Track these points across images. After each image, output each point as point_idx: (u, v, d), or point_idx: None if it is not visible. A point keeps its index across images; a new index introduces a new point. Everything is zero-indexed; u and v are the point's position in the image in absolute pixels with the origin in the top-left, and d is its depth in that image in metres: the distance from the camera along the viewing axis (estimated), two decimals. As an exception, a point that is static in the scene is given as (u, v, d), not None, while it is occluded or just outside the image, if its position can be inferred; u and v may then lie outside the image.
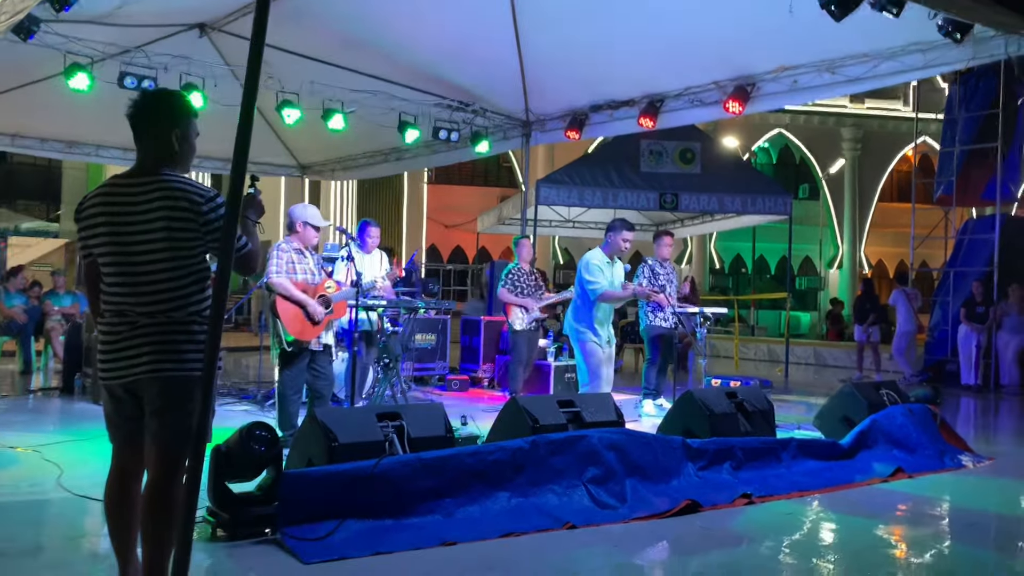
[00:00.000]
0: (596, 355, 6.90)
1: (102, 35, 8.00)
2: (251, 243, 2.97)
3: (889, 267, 29.51)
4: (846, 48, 7.42)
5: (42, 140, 11.72)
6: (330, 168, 13.66)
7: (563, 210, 16.64)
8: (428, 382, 10.41)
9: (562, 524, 4.23)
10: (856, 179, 29.21)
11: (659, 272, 8.38)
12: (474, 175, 29.43)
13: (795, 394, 10.92)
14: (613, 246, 7.05)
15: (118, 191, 2.92)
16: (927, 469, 5.81)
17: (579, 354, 7.02)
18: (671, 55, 8.40)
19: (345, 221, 25.02)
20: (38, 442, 5.90)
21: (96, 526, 4.08)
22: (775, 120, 28.21)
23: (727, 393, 6.01)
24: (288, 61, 9.08)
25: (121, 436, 2.96)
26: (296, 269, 5.94)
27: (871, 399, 6.51)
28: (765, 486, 5.09)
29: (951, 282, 13.61)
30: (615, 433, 4.94)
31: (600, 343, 6.90)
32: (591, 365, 6.90)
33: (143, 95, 3.04)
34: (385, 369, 7.32)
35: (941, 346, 13.35)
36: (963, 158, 14.03)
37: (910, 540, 4.37)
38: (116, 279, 2.91)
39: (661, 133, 12.25)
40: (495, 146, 11.06)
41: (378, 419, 4.41)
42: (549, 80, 9.54)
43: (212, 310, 2.53)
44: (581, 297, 6.99)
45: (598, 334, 6.90)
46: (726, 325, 19.88)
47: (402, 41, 8.89)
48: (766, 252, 29.38)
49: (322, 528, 3.81)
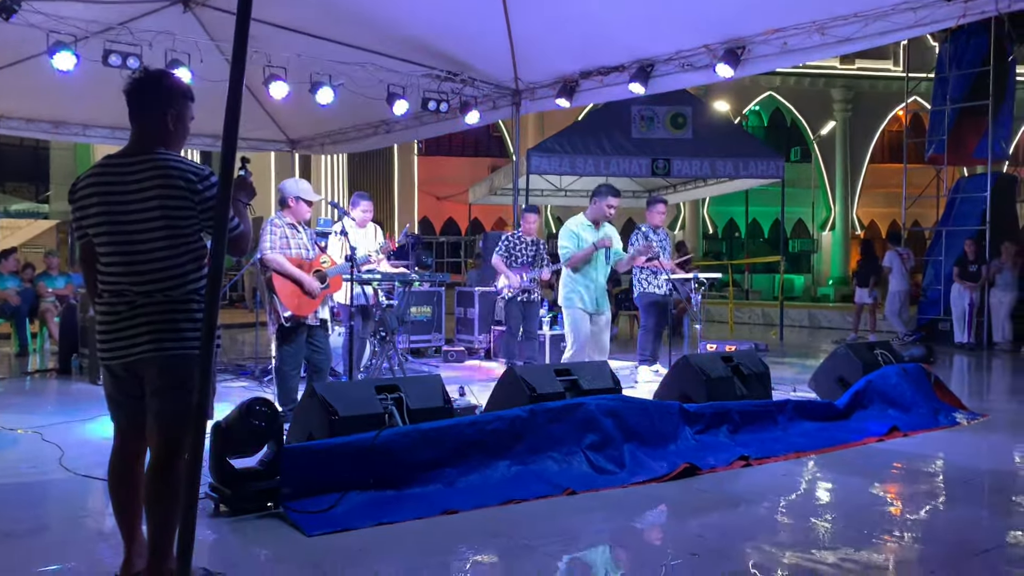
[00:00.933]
0: (578, 322, 6.86)
1: (85, 13, 7.90)
2: (243, 224, 2.97)
3: (881, 227, 29.57)
4: (836, 8, 7.38)
5: (28, 121, 11.62)
6: (320, 142, 13.59)
7: (555, 179, 16.60)
8: (425, 354, 10.45)
9: (562, 490, 4.28)
10: (847, 140, 29.17)
11: (652, 239, 8.37)
12: (464, 146, 29.30)
13: (790, 356, 11.00)
14: (597, 211, 7.00)
15: (111, 170, 2.91)
16: (922, 427, 5.88)
17: (565, 322, 7.04)
18: (661, 20, 8.33)
19: (336, 195, 24.93)
20: (38, 423, 5.93)
21: (99, 505, 4.11)
22: (766, 83, 28.08)
23: (723, 357, 6.05)
24: (275, 35, 8.98)
25: (123, 415, 2.98)
26: (290, 244, 5.93)
27: (865, 360, 6.56)
28: (762, 448, 5.14)
29: (943, 241, 13.65)
30: (612, 400, 4.98)
31: (586, 309, 6.87)
32: (573, 332, 6.89)
33: (141, 74, 3.02)
34: (382, 342, 7.34)
35: (934, 305, 13.43)
36: (954, 116, 14.01)
37: (906, 498, 4.43)
38: (112, 259, 2.90)
39: (652, 98, 12.19)
40: (485, 116, 10.99)
41: (377, 392, 4.44)
42: (538, 48, 9.47)
43: (208, 288, 2.53)
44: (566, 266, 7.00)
45: (583, 300, 6.87)
46: (720, 290, 19.95)
47: (389, 12, 8.80)
48: (759, 216, 29.40)
49: (324, 501, 3.85)
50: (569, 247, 6.83)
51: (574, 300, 6.84)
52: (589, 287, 6.90)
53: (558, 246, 6.98)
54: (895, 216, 23.68)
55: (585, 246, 6.86)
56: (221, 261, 2.50)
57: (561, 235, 6.96)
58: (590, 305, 6.89)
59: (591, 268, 6.91)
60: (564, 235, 6.93)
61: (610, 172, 13.70)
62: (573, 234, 6.86)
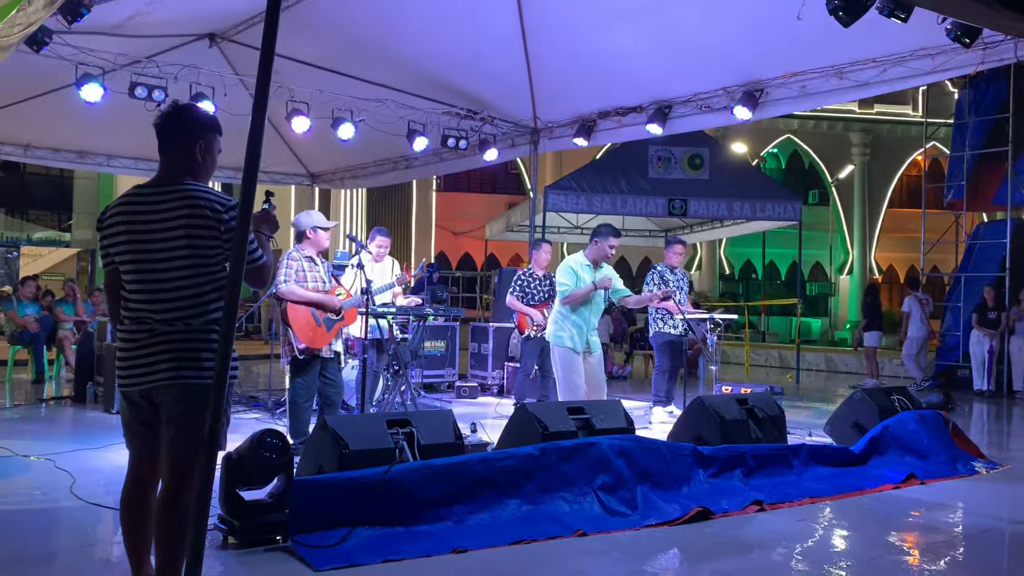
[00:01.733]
0: (567, 362, 6.56)
1: (113, 46, 8.06)
2: (265, 256, 3.00)
3: (900, 272, 29.41)
4: (854, 53, 7.41)
5: (54, 150, 11.81)
6: (340, 176, 13.72)
7: (571, 216, 16.65)
8: (438, 389, 10.42)
9: (573, 531, 4.22)
10: (866, 184, 29.15)
11: (668, 279, 8.34)
12: (482, 182, 29.49)
13: (806, 400, 10.88)
14: (599, 252, 6.72)
15: (139, 200, 2.96)
16: (940, 475, 5.78)
17: (556, 362, 6.70)
18: (679, 61, 8.40)
19: (355, 229, 25.11)
20: (51, 450, 5.94)
21: (108, 534, 4.10)
22: (784, 125, 28.18)
23: (738, 399, 6.00)
24: (298, 70, 9.13)
25: (139, 443, 2.98)
26: (307, 277, 5.96)
27: (882, 405, 6.48)
28: (776, 493, 5.07)
29: (962, 287, 13.55)
30: (625, 440, 4.93)
31: (575, 349, 6.57)
32: (562, 374, 6.59)
33: (170, 107, 3.09)
34: (395, 376, 7.33)
35: (953, 352, 13.28)
36: (973, 162, 13.97)
37: (923, 547, 4.35)
38: (136, 286, 2.94)
39: (669, 139, 12.26)
40: (503, 153, 11.08)
41: (388, 426, 4.42)
42: (557, 87, 9.56)
43: (224, 319, 2.54)
44: (559, 303, 6.73)
45: (574, 340, 6.58)
46: (736, 331, 19.84)
47: (411, 50, 8.93)
48: (776, 258, 29.32)
49: (333, 535, 3.82)
50: (568, 284, 6.62)
51: (564, 339, 6.58)
52: (581, 327, 6.62)
53: (556, 283, 6.78)
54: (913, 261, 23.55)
55: (584, 285, 6.70)
56: (237, 291, 2.52)
57: (560, 271, 6.73)
58: (580, 345, 6.59)
59: (585, 308, 6.65)
60: (563, 272, 6.69)
61: (627, 211, 13.73)
62: (572, 271, 6.66)
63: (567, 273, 6.65)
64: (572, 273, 6.63)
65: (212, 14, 8.28)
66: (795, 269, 25.79)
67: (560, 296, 6.67)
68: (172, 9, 7.51)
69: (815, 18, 6.05)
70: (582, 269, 6.65)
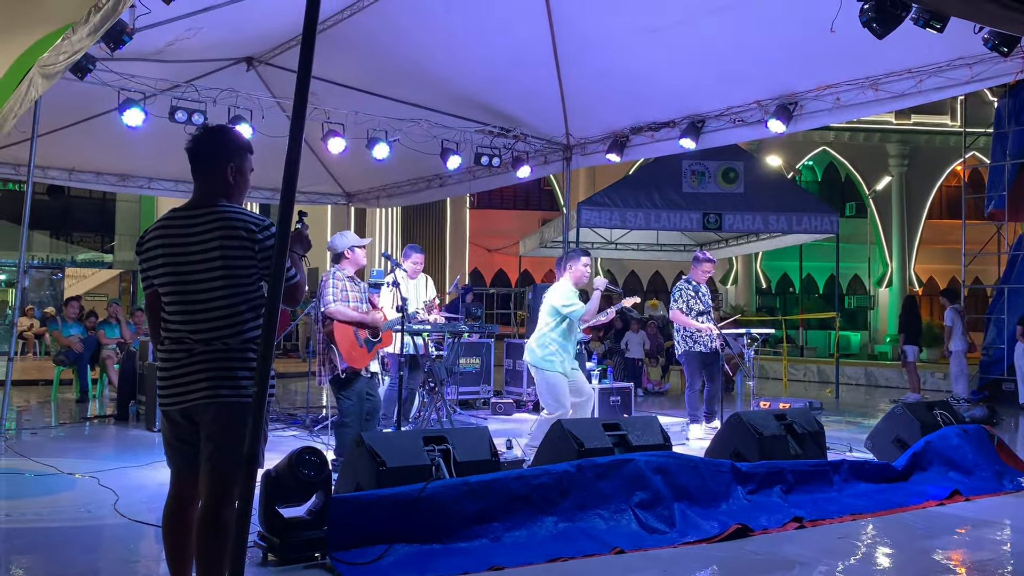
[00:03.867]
0: (558, 385, 6.40)
1: (153, 71, 8.25)
2: (299, 275, 3.05)
3: (940, 284, 28.88)
4: (889, 64, 7.33)
5: (97, 174, 12.07)
6: (375, 195, 13.85)
7: (605, 232, 16.64)
8: (473, 406, 10.44)
9: (610, 549, 4.20)
10: (904, 195, 28.74)
11: (702, 293, 8.30)
12: (516, 199, 29.58)
13: (846, 415, 10.72)
14: (578, 275, 6.58)
15: (176, 223, 3.03)
16: (985, 491, 5.66)
17: (542, 385, 6.51)
18: (712, 75, 8.38)
19: (390, 247, 25.32)
20: (94, 468, 6.05)
21: (151, 551, 4.17)
22: (819, 137, 27.92)
23: (776, 415, 5.94)
24: (333, 92, 9.26)
25: (179, 461, 3.03)
26: (349, 297, 6.07)
27: (924, 420, 6.37)
28: (816, 510, 5.00)
29: (1006, 298, 13.27)
30: (662, 456, 4.90)
31: (564, 373, 6.43)
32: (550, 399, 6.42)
33: (201, 130, 3.15)
34: (430, 393, 7.37)
35: (997, 365, 13.00)
36: (1014, 172, 13.72)
37: (970, 566, 4.26)
38: (174, 307, 3.00)
39: (703, 153, 12.20)
40: (536, 170, 11.11)
41: (424, 443, 4.45)
42: (589, 103, 9.58)
43: (263, 337, 2.58)
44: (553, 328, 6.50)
45: (563, 364, 6.43)
46: (774, 346, 19.62)
47: (443, 70, 9.02)
48: (813, 271, 28.98)
49: (371, 552, 3.84)
50: (577, 303, 6.52)
51: (555, 363, 6.43)
52: (568, 350, 6.51)
53: (553, 309, 6.49)
54: (954, 273, 23.16)
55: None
56: (276, 310, 2.55)
57: (561, 296, 6.48)
58: (568, 368, 6.48)
59: (571, 332, 6.59)
60: (565, 295, 6.48)
61: (660, 226, 13.68)
62: (573, 292, 6.61)
63: (570, 295, 6.49)
64: (574, 293, 6.54)
65: (249, 38, 8.44)
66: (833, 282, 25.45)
67: (574, 317, 6.43)
68: (210, 34, 7.68)
69: (849, 30, 6.00)
70: (575, 294, 6.59)
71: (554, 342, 6.47)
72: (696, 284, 8.38)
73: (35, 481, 5.76)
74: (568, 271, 6.60)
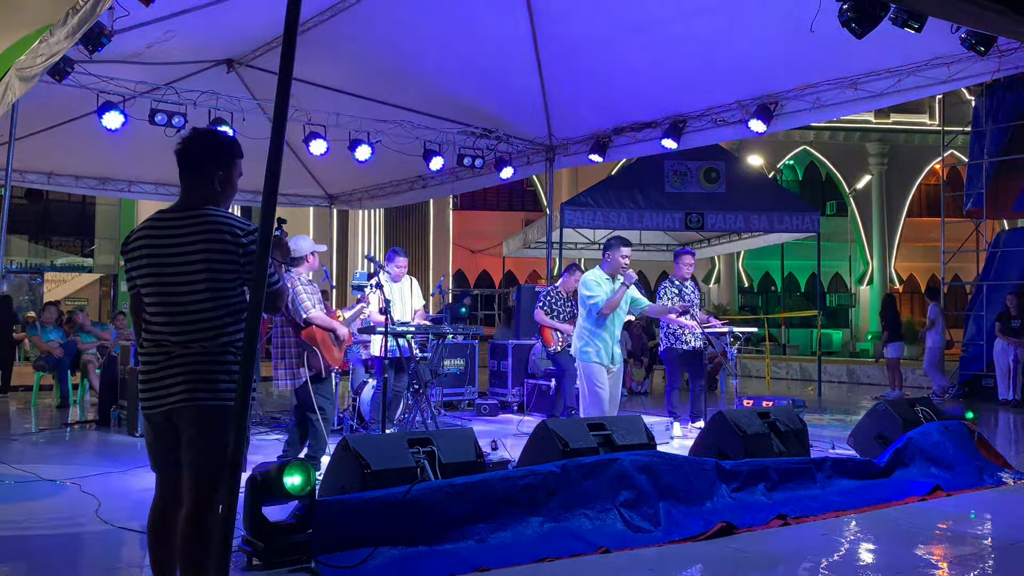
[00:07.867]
0: (597, 376, 6.43)
1: (133, 74, 8.18)
2: (281, 281, 3.04)
3: (921, 281, 29.15)
4: (868, 64, 7.40)
5: (76, 178, 11.97)
6: (358, 197, 13.82)
7: (588, 232, 16.67)
8: (458, 407, 10.42)
9: (596, 548, 4.21)
10: (884, 194, 28.97)
11: (685, 292, 8.35)
12: (499, 200, 29.56)
13: (828, 413, 10.79)
14: (614, 264, 6.58)
15: (161, 225, 3.01)
16: (966, 487, 5.71)
17: (581, 377, 6.58)
18: (693, 76, 8.42)
19: (373, 249, 25.21)
20: (76, 474, 5.99)
21: (134, 557, 4.13)
22: (800, 137, 28.09)
23: (759, 413, 5.96)
24: (315, 93, 9.23)
25: (163, 465, 3.02)
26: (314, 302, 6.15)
27: (906, 416, 6.42)
28: (800, 507, 5.03)
29: (984, 295, 13.41)
30: (646, 456, 4.91)
31: (602, 363, 6.45)
32: (589, 389, 6.46)
33: (191, 134, 3.14)
34: (415, 395, 7.35)
35: (976, 361, 13.13)
36: (992, 170, 13.88)
37: (952, 560, 4.30)
38: (156, 309, 2.98)
39: (685, 153, 12.25)
40: (519, 171, 11.13)
41: (409, 445, 4.43)
42: (571, 105, 9.60)
43: (245, 342, 2.57)
44: (585, 318, 6.59)
45: (600, 354, 6.45)
46: (757, 344, 19.71)
47: (425, 72, 9.01)
48: (795, 270, 29.15)
49: (356, 555, 3.83)
50: (597, 294, 6.50)
51: (591, 354, 6.43)
52: (607, 340, 6.48)
53: (582, 298, 6.59)
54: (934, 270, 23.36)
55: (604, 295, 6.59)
56: (259, 315, 2.54)
57: (583, 286, 6.57)
58: (607, 359, 6.47)
59: (610, 320, 6.58)
60: (588, 285, 6.54)
61: (643, 225, 13.72)
62: (597, 283, 6.59)
63: (592, 285, 6.52)
64: (597, 284, 6.53)
65: (229, 40, 8.40)
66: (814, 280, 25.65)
67: (593, 308, 6.43)
68: (190, 36, 7.63)
69: (828, 30, 6.05)
70: (604, 282, 6.57)
71: (587, 331, 6.46)
72: (679, 283, 8.42)
73: (16, 488, 5.70)
74: (606, 259, 6.64)
